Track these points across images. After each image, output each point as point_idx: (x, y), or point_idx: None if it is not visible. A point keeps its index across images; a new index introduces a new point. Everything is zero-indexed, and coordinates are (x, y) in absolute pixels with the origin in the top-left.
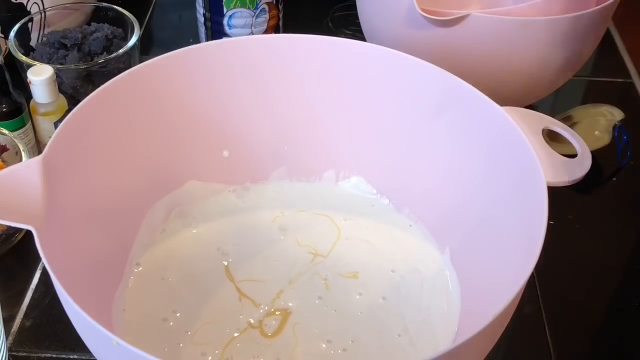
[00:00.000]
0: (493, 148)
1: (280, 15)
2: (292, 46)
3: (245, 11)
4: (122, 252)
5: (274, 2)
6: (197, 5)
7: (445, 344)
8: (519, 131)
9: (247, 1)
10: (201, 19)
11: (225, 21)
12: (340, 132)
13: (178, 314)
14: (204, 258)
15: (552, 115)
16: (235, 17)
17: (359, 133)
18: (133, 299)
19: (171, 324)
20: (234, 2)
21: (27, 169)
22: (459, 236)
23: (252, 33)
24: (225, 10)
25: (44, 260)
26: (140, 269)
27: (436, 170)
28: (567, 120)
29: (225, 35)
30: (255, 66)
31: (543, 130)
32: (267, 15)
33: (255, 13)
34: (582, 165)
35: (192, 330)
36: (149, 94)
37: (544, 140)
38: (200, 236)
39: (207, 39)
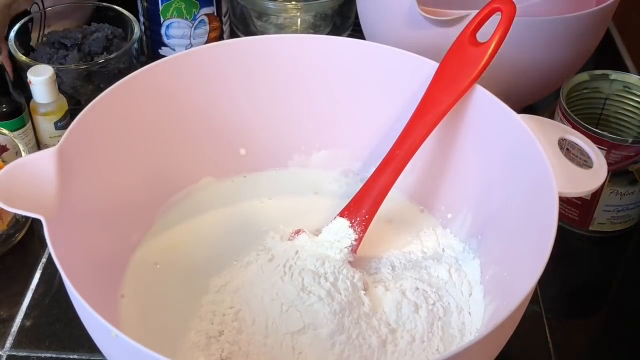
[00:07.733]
0: (508, 154)
1: (225, 27)
2: (308, 46)
3: (182, 22)
4: (131, 246)
5: (215, 14)
6: (138, 14)
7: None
8: (534, 139)
9: (184, 11)
10: (142, 27)
11: (162, 31)
12: (362, 132)
13: (184, 307)
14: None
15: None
16: (173, 27)
17: (378, 132)
18: (138, 291)
19: (177, 317)
20: (171, 11)
21: (43, 159)
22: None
23: (191, 45)
24: (162, 19)
25: (51, 250)
26: (148, 263)
27: (451, 170)
28: None
29: (164, 45)
30: (272, 65)
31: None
32: (207, 27)
33: (193, 24)
34: (597, 177)
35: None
36: (163, 91)
37: (559, 150)
38: (208, 229)
39: (147, 49)
